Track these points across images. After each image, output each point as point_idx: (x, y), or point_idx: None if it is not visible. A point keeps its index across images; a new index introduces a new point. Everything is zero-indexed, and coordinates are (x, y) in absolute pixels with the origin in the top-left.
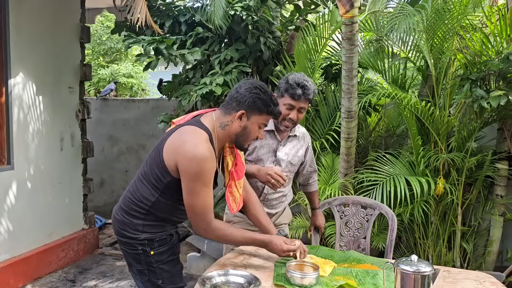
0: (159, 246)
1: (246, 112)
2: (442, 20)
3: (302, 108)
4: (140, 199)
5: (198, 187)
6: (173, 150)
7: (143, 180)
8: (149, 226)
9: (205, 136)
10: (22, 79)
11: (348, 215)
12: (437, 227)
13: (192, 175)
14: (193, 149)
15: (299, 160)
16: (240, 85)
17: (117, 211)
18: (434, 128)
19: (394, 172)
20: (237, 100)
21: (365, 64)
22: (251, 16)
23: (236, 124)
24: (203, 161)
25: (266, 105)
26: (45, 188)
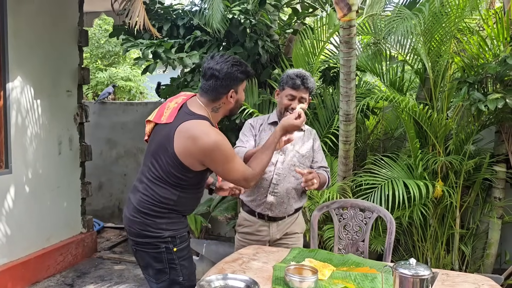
0: (181, 243)
1: (234, 89)
2: (440, 23)
3: (302, 98)
4: (161, 200)
5: (229, 164)
6: (190, 150)
7: (159, 183)
8: (172, 223)
9: (207, 123)
10: (20, 82)
11: (346, 218)
12: (435, 229)
13: (220, 159)
14: (208, 140)
15: (308, 153)
16: (214, 69)
17: (134, 214)
18: (432, 131)
19: (392, 175)
20: (222, 85)
21: (363, 67)
22: (249, 19)
23: (229, 102)
24: (220, 143)
25: (245, 72)
26: (43, 192)
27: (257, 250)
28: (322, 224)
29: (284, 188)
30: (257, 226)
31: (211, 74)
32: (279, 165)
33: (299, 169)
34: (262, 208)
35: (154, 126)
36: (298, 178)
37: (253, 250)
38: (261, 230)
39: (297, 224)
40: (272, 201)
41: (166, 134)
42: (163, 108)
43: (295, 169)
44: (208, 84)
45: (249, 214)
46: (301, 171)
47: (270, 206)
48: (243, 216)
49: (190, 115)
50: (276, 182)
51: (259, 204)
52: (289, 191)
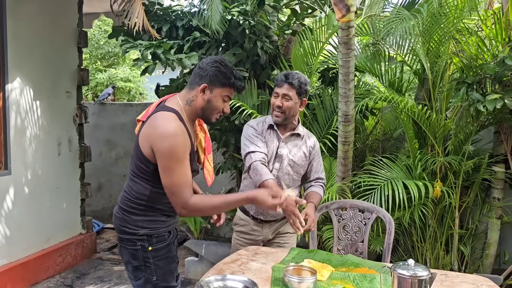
0: (157, 243)
1: (208, 86)
2: (438, 24)
3: (286, 95)
4: (136, 195)
5: (172, 164)
6: (147, 137)
7: (133, 177)
8: (149, 221)
9: (172, 115)
10: (20, 84)
11: (345, 218)
12: (434, 230)
13: (165, 153)
14: (163, 129)
15: (302, 160)
16: (203, 61)
17: (117, 210)
18: (431, 131)
19: (392, 176)
20: (199, 75)
21: (362, 68)
22: (248, 20)
23: (200, 98)
24: (174, 137)
25: (227, 78)
26: (43, 193)
27: (256, 251)
28: (322, 224)
29: None
30: (251, 226)
31: (198, 65)
32: (274, 172)
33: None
34: (255, 211)
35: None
36: (290, 186)
37: (252, 251)
38: (254, 230)
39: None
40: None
41: (140, 130)
42: (152, 108)
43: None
44: (192, 73)
45: (244, 214)
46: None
47: (263, 211)
48: (238, 215)
49: (160, 108)
50: None
51: (251, 207)
52: None
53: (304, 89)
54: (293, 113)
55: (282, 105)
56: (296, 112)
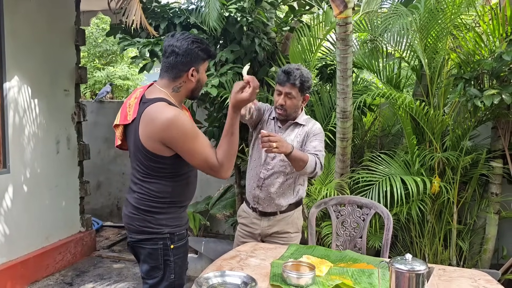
0: (178, 241)
1: (195, 67)
2: (436, 20)
3: (288, 94)
4: (158, 195)
5: (191, 143)
6: (151, 136)
7: (148, 178)
8: (171, 219)
9: (162, 103)
10: (18, 82)
11: (344, 214)
12: (433, 225)
13: (179, 137)
14: (163, 118)
15: (301, 148)
16: (174, 45)
17: (134, 212)
18: (428, 127)
19: (390, 172)
20: (182, 62)
21: (359, 64)
22: (246, 17)
23: (189, 82)
24: (177, 118)
25: (206, 51)
26: (42, 191)
27: (255, 247)
28: (320, 221)
29: (271, 183)
30: (251, 218)
31: (171, 50)
32: (269, 160)
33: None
34: (252, 201)
35: (124, 129)
36: (288, 174)
37: (250, 247)
38: (254, 223)
39: (290, 224)
40: (259, 195)
41: (134, 131)
42: (125, 108)
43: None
44: (168, 61)
45: (246, 206)
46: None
47: (258, 200)
48: (242, 207)
49: (146, 103)
50: (264, 176)
51: (250, 196)
52: (277, 186)
53: (307, 86)
54: (295, 109)
55: (285, 103)
56: (299, 107)
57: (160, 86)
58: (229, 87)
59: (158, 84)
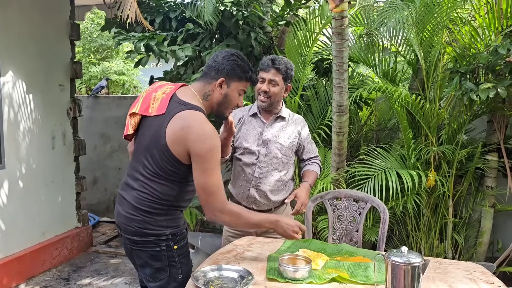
0: (181, 240)
1: (225, 80)
2: (432, 14)
3: (272, 80)
4: (161, 196)
5: (212, 165)
6: (180, 140)
7: (157, 179)
8: (172, 219)
9: (203, 116)
10: (12, 77)
11: (340, 208)
12: (429, 219)
13: (206, 154)
14: (201, 131)
15: (291, 142)
16: (217, 54)
17: (132, 211)
18: (424, 121)
19: (386, 166)
20: (216, 68)
21: (356, 58)
22: (242, 11)
23: (217, 92)
24: (213, 139)
25: (244, 71)
26: (38, 187)
27: (251, 241)
28: (317, 215)
29: (267, 181)
30: None
31: (212, 58)
32: (261, 158)
33: (287, 200)
34: (246, 201)
35: (140, 119)
36: (281, 170)
37: (247, 241)
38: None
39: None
40: (255, 195)
41: (158, 126)
42: (148, 99)
43: (285, 201)
44: (206, 66)
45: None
46: (288, 201)
47: (254, 200)
48: None
49: (183, 105)
50: (259, 175)
51: (243, 197)
52: (272, 184)
53: (290, 75)
54: (278, 99)
55: (269, 90)
56: (281, 97)
57: (195, 90)
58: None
59: (193, 87)
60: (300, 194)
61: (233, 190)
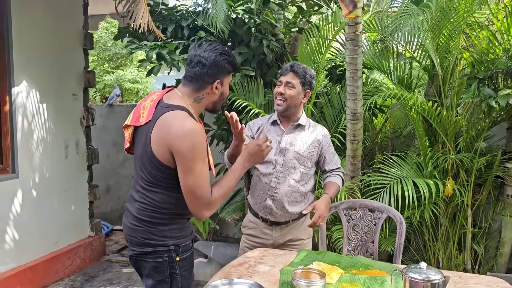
0: (184, 252)
1: (220, 80)
2: (448, 19)
3: (289, 83)
4: (161, 206)
5: (195, 164)
6: (162, 142)
7: (152, 187)
8: (177, 229)
9: (184, 113)
10: (26, 87)
11: (355, 218)
12: (447, 229)
13: (188, 152)
14: (181, 128)
15: (309, 152)
16: (201, 56)
17: (136, 223)
18: (441, 128)
19: (402, 175)
20: (208, 74)
21: (370, 64)
22: (253, 19)
23: (214, 94)
24: (194, 135)
25: (233, 64)
26: (50, 196)
27: (264, 253)
28: (331, 224)
29: (283, 191)
30: (260, 228)
31: (197, 61)
32: (278, 168)
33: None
34: (263, 212)
35: (134, 131)
36: (299, 181)
37: (259, 253)
38: (264, 233)
39: (303, 230)
40: (271, 205)
41: (145, 134)
42: (139, 109)
43: (303, 212)
44: (193, 71)
45: (253, 216)
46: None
47: (270, 210)
48: (248, 217)
49: (166, 108)
50: (275, 185)
51: (259, 208)
52: (289, 194)
53: (309, 80)
54: (295, 103)
55: (285, 92)
56: (299, 103)
57: (182, 93)
58: (237, 89)
59: (180, 90)
60: (319, 205)
61: (251, 200)
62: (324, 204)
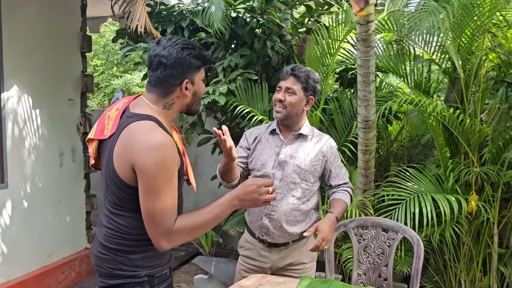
0: (160, 283)
1: (188, 79)
2: (471, 17)
3: (289, 89)
4: (130, 231)
5: (159, 183)
6: (124, 158)
7: (118, 211)
8: (150, 258)
9: (152, 124)
10: (17, 91)
11: (367, 239)
12: (470, 248)
13: (150, 170)
14: (146, 141)
15: (312, 165)
16: (161, 56)
17: (103, 251)
18: (464, 137)
19: (419, 189)
20: (173, 75)
21: (384, 67)
22: (256, 18)
23: (185, 96)
24: (161, 149)
25: (200, 58)
26: (44, 206)
27: (261, 281)
28: (341, 241)
29: (282, 210)
30: (257, 250)
31: (158, 62)
32: (276, 183)
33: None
34: (259, 232)
35: (99, 145)
36: (300, 198)
37: (255, 281)
38: (262, 256)
39: (305, 253)
40: (268, 225)
41: (109, 149)
42: (103, 120)
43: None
44: (155, 75)
45: (250, 236)
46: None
47: (267, 230)
48: (245, 236)
49: (131, 118)
50: (272, 202)
51: (255, 227)
52: (288, 213)
53: (312, 86)
54: (296, 111)
55: (284, 99)
56: (301, 110)
57: (149, 100)
58: (239, 94)
59: (146, 98)
60: (323, 226)
61: (247, 218)
62: (328, 225)
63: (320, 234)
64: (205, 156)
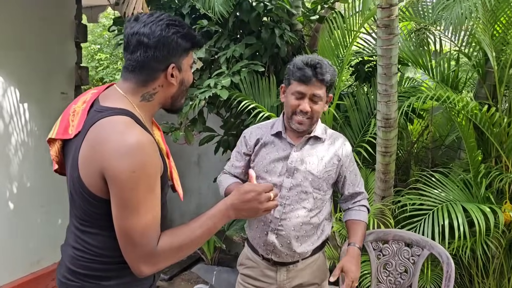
0: None
1: (175, 64)
2: (507, 2)
3: (315, 96)
4: (100, 252)
5: (137, 195)
6: (92, 163)
7: (87, 228)
8: (126, 284)
9: (127, 120)
10: (2, 83)
11: (387, 254)
12: (500, 262)
13: (127, 178)
14: (119, 142)
15: (326, 172)
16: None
17: (69, 276)
18: (496, 139)
19: (448, 197)
20: (156, 58)
21: (405, 59)
22: (263, 2)
23: (170, 84)
24: (138, 152)
25: (190, 39)
26: (32, 208)
27: None
28: None
29: (291, 224)
30: (261, 269)
31: (137, 41)
32: (285, 192)
33: (332, 278)
34: (264, 250)
35: (62, 145)
36: (312, 209)
37: None
38: (266, 276)
39: (316, 271)
40: (275, 242)
41: (74, 151)
42: (67, 116)
43: (329, 278)
44: (133, 58)
45: (252, 252)
46: (333, 279)
47: (273, 248)
48: (246, 253)
49: (100, 113)
50: (280, 216)
51: (259, 244)
52: (298, 228)
53: (333, 82)
54: (319, 116)
55: (311, 109)
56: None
57: (123, 91)
58: (244, 88)
59: (120, 88)
60: (349, 267)
61: (249, 232)
62: (355, 264)
63: (347, 276)
64: (209, 155)
